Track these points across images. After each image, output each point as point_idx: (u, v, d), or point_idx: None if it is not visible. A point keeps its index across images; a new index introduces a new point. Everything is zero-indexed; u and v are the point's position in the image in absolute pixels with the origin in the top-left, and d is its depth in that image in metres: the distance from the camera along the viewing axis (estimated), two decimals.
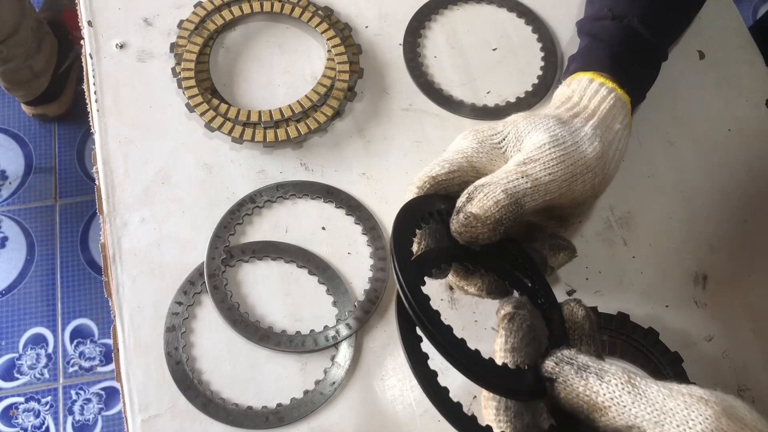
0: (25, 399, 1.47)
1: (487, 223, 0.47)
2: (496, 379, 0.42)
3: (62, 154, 1.70)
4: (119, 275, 0.63)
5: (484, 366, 0.42)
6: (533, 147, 0.51)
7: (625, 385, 0.38)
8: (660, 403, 0.37)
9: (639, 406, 0.37)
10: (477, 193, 0.48)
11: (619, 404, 0.38)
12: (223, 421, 0.58)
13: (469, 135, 0.54)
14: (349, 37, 0.75)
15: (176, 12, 0.74)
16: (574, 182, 0.51)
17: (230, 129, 0.67)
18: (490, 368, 0.43)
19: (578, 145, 0.52)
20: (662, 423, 0.36)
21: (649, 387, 0.38)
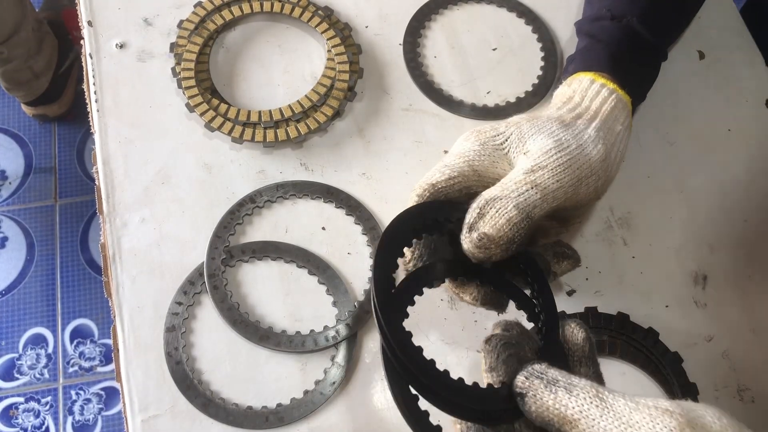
0: (25, 399, 1.47)
1: (500, 243, 0.47)
2: (469, 402, 0.43)
3: (62, 154, 1.70)
4: (119, 275, 0.63)
5: (458, 390, 0.43)
6: (539, 153, 0.51)
7: (593, 399, 0.39)
8: (627, 416, 0.37)
9: (607, 419, 0.38)
10: (489, 209, 0.48)
11: (588, 417, 0.38)
12: (223, 421, 0.58)
13: (471, 136, 0.54)
14: (349, 37, 0.75)
15: (176, 12, 0.74)
16: (579, 186, 0.51)
17: (230, 129, 0.67)
18: (464, 392, 0.43)
19: (582, 149, 0.52)
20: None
21: (616, 401, 0.38)
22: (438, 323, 0.63)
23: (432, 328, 0.63)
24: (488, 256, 0.48)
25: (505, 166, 0.52)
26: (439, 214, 0.50)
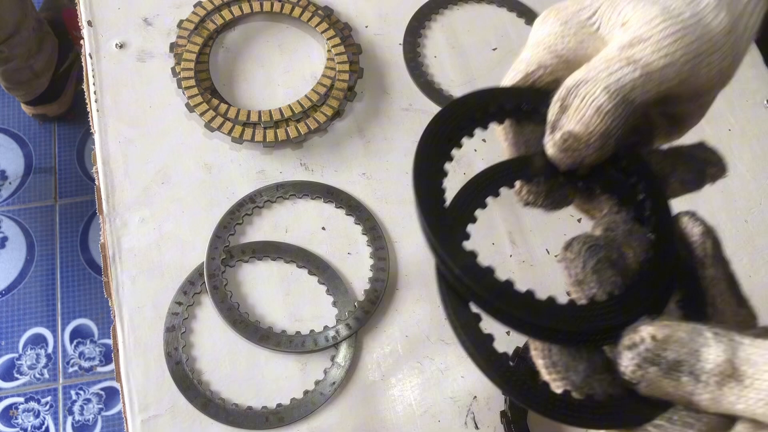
0: (24, 399, 1.47)
1: (591, 141, 0.38)
2: (563, 324, 0.34)
3: (62, 154, 1.69)
4: (119, 275, 0.63)
5: (549, 314, 0.34)
6: (640, 23, 0.40)
7: (727, 381, 0.31)
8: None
9: (746, 402, 0.31)
10: (572, 99, 0.38)
11: (721, 403, 0.31)
12: (223, 421, 0.58)
13: (549, 17, 0.43)
14: (349, 36, 0.75)
15: (176, 12, 0.74)
16: (698, 65, 0.40)
17: (230, 129, 0.67)
18: (556, 314, 0.34)
19: (699, 18, 0.40)
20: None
21: (761, 376, 0.30)
22: (437, 322, 0.63)
23: (431, 327, 0.63)
24: (578, 160, 0.38)
25: (598, 46, 0.42)
26: (508, 102, 0.40)
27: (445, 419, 0.61)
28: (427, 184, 0.37)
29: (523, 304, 0.34)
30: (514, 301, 0.34)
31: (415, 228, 0.68)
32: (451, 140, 0.37)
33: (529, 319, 0.34)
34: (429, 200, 0.37)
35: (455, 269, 0.35)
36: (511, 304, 0.34)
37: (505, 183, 0.40)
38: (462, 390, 0.62)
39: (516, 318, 0.34)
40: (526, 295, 0.34)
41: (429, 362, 0.62)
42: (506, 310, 0.34)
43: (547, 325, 0.34)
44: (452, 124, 0.38)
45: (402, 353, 0.62)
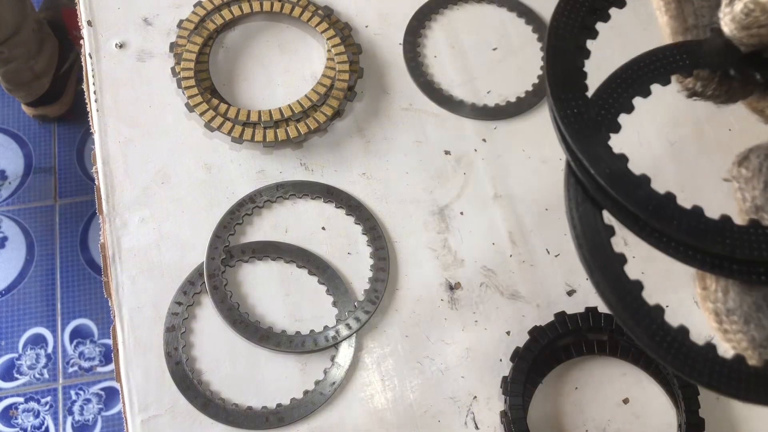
0: (24, 399, 1.47)
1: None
2: (713, 244, 0.26)
3: (62, 154, 1.69)
4: (119, 275, 0.63)
5: (721, 235, 0.26)
6: None
7: None
8: None
9: None
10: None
11: None
12: (223, 421, 0.58)
13: None
14: (349, 36, 0.74)
15: (176, 11, 0.74)
16: None
17: (230, 129, 0.67)
18: (731, 236, 0.26)
19: None
20: None
21: None
22: (438, 323, 0.63)
23: (432, 327, 0.63)
24: (766, 39, 0.29)
25: None
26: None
27: (445, 419, 0.60)
28: (564, 62, 0.28)
29: (691, 224, 0.26)
30: (678, 221, 0.26)
31: (416, 228, 0.69)
32: (595, 11, 0.29)
33: (699, 243, 0.26)
34: (566, 84, 0.28)
35: (599, 178, 0.27)
36: (674, 225, 0.26)
37: (661, 76, 0.30)
38: (462, 390, 0.61)
39: (679, 242, 0.27)
40: (692, 213, 0.26)
41: (429, 362, 0.62)
42: (667, 231, 0.27)
43: (722, 251, 0.26)
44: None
45: (402, 353, 0.62)
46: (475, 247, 0.67)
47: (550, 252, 0.67)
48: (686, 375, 0.26)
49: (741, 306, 0.26)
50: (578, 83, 0.28)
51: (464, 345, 0.63)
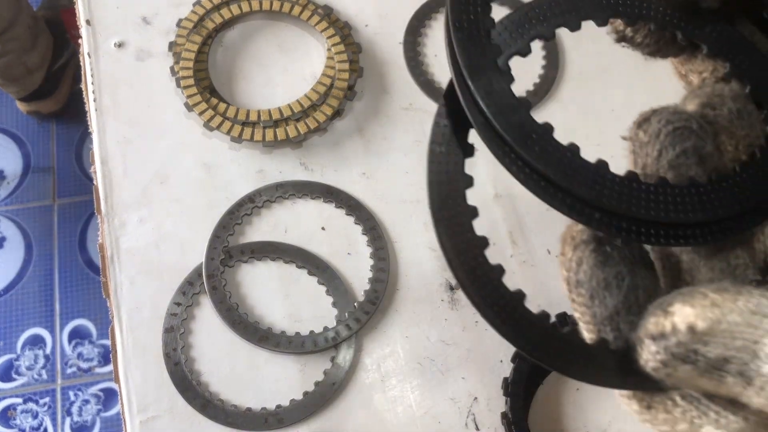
0: (23, 400, 1.47)
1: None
2: (575, 184, 0.24)
3: (60, 153, 1.69)
4: (117, 276, 0.62)
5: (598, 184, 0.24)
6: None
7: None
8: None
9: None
10: None
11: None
12: (222, 422, 0.58)
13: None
14: (349, 35, 0.74)
15: (175, 11, 0.74)
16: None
17: (229, 128, 0.67)
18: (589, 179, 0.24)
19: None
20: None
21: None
22: (438, 323, 0.63)
23: (432, 328, 0.63)
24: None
25: None
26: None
27: (445, 420, 0.60)
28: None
29: (561, 161, 0.24)
30: (547, 154, 0.24)
31: (416, 228, 0.68)
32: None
33: (564, 180, 0.24)
34: (463, 12, 0.27)
35: (476, 92, 0.25)
36: (541, 157, 0.24)
37: (572, 20, 0.28)
38: (462, 391, 0.61)
39: (542, 176, 0.25)
40: (566, 150, 0.24)
41: (429, 363, 0.62)
42: (532, 162, 0.24)
43: (588, 196, 0.24)
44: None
45: (402, 354, 0.62)
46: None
47: (551, 252, 0.66)
48: (511, 341, 0.26)
49: (590, 281, 0.26)
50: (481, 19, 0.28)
51: (465, 346, 0.62)
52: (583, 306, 0.26)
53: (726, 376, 0.22)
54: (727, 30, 0.28)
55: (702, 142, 0.26)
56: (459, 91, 0.26)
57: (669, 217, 0.24)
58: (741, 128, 0.27)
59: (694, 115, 0.26)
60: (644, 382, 0.24)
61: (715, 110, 0.27)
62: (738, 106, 0.27)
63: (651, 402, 0.25)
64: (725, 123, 0.27)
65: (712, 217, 0.24)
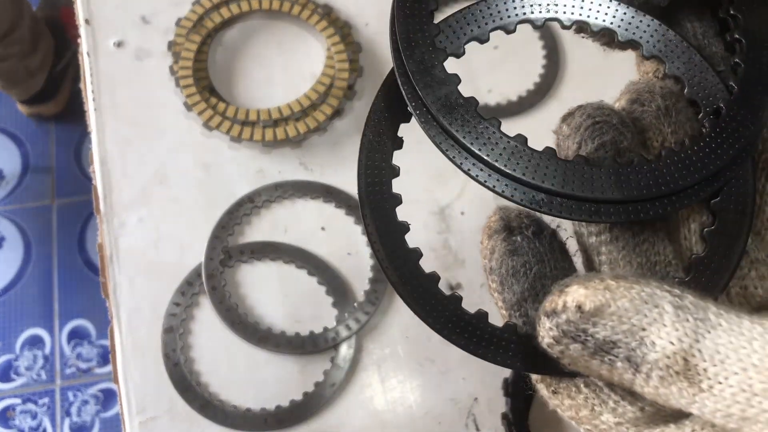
0: (22, 400, 1.47)
1: None
2: (493, 155, 0.25)
3: (60, 153, 1.69)
4: (116, 276, 0.62)
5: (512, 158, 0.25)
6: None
7: (675, 379, 0.22)
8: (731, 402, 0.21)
9: (701, 408, 0.22)
10: None
11: (667, 400, 0.23)
12: (222, 423, 0.58)
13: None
14: (349, 35, 0.74)
15: (174, 10, 0.74)
16: None
17: (229, 128, 0.67)
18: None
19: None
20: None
21: (726, 379, 0.21)
22: None
23: None
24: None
25: None
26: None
27: (445, 421, 0.60)
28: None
29: (475, 129, 0.25)
30: (463, 122, 0.25)
31: (415, 228, 0.68)
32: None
33: (479, 149, 0.25)
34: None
35: (408, 62, 0.27)
36: (456, 122, 0.25)
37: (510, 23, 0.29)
38: (463, 392, 0.61)
39: (460, 144, 0.25)
40: (483, 122, 0.25)
41: (429, 364, 0.62)
42: (450, 130, 0.25)
43: (487, 156, 0.24)
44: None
45: (402, 355, 0.62)
46: (476, 247, 0.66)
47: None
48: (423, 319, 0.27)
49: (500, 268, 0.27)
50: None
51: None
52: (496, 292, 0.28)
53: (615, 361, 0.22)
54: (668, 32, 0.29)
55: (621, 136, 0.26)
56: (394, 63, 0.28)
57: (578, 191, 0.24)
58: (668, 125, 0.27)
59: (617, 111, 0.27)
60: (548, 367, 0.25)
61: (644, 106, 0.28)
62: (667, 103, 0.27)
63: (557, 387, 0.26)
64: (652, 119, 0.27)
65: (623, 197, 0.24)
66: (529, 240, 0.27)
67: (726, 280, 0.26)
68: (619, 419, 0.25)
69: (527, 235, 0.27)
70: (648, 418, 0.25)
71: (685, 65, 0.28)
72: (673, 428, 0.24)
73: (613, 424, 0.25)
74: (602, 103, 0.28)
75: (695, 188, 0.25)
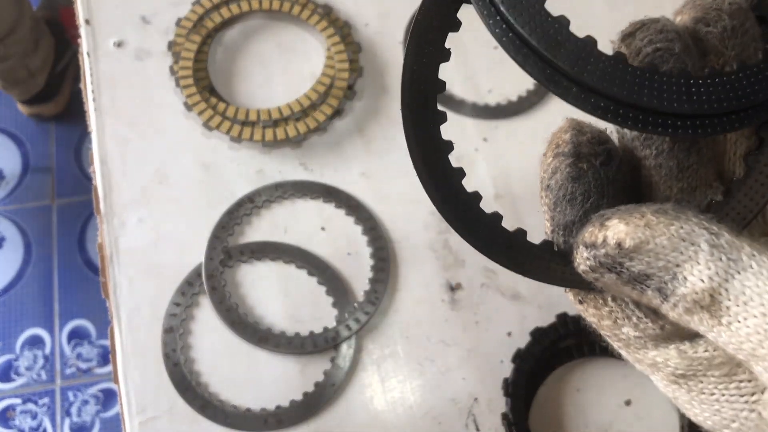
0: (22, 401, 1.47)
1: None
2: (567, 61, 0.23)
3: (60, 153, 1.69)
4: (116, 276, 0.62)
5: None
6: None
7: (699, 311, 0.23)
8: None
9: (718, 338, 0.23)
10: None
11: (689, 325, 0.24)
12: (222, 423, 0.58)
13: None
14: (349, 35, 0.74)
15: (174, 10, 0.74)
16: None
17: (229, 128, 0.67)
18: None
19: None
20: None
21: (746, 320, 0.22)
22: (438, 323, 0.63)
23: (432, 328, 0.63)
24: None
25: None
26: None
27: (445, 421, 0.60)
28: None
29: (545, 28, 0.23)
30: (534, 19, 0.23)
31: (416, 228, 0.68)
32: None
33: (545, 49, 0.23)
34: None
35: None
36: (527, 21, 0.23)
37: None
38: (463, 392, 0.61)
39: (525, 43, 0.23)
40: (554, 21, 0.23)
41: (429, 364, 0.62)
42: (516, 26, 0.23)
43: (565, 68, 0.23)
44: None
45: (402, 355, 0.62)
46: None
47: None
48: (463, 235, 0.27)
49: (558, 190, 0.27)
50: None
51: (465, 346, 0.62)
52: (546, 207, 0.28)
53: (647, 290, 0.24)
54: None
55: (682, 65, 0.25)
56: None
57: (650, 102, 0.23)
58: (732, 48, 0.26)
59: (681, 33, 0.26)
60: (579, 282, 0.26)
61: (709, 26, 0.26)
62: (734, 23, 0.26)
63: (584, 297, 0.28)
64: (716, 41, 0.26)
65: (693, 110, 0.23)
66: (595, 170, 0.27)
67: (762, 205, 0.26)
68: (639, 333, 0.26)
69: (594, 165, 0.27)
70: (666, 335, 0.26)
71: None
72: (688, 345, 0.25)
73: (633, 337, 0.26)
74: (666, 24, 0.26)
75: (765, 106, 0.23)
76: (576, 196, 0.26)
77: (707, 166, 0.27)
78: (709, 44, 0.26)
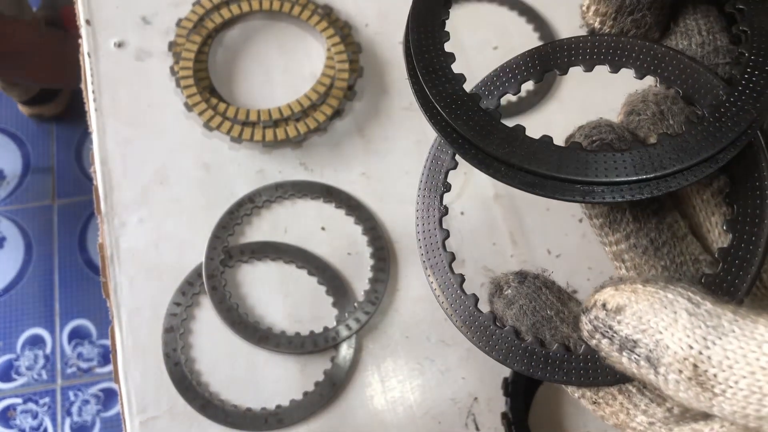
0: (23, 400, 1.47)
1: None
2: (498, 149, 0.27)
3: (60, 153, 1.69)
4: (117, 276, 0.62)
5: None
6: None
7: (688, 384, 0.23)
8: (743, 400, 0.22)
9: (719, 410, 0.23)
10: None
11: (688, 402, 0.24)
12: (222, 422, 0.58)
13: None
14: (349, 35, 0.74)
15: (175, 10, 0.74)
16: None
17: (229, 128, 0.67)
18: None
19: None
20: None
21: (736, 383, 0.22)
22: (438, 323, 0.63)
23: (432, 328, 0.63)
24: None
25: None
26: None
27: (445, 421, 0.60)
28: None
29: (479, 122, 0.27)
30: (468, 116, 0.27)
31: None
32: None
33: (476, 140, 0.27)
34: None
35: (416, 60, 0.30)
36: (463, 119, 0.27)
37: (511, 85, 0.32)
38: (463, 391, 0.61)
39: (462, 137, 0.27)
40: (485, 115, 0.28)
41: (429, 363, 0.62)
42: (453, 124, 0.27)
43: (494, 153, 0.26)
44: None
45: (402, 354, 0.62)
46: (476, 247, 0.66)
47: (551, 252, 0.66)
48: (469, 338, 0.30)
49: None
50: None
51: (465, 346, 0.62)
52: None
53: (639, 360, 0.24)
54: (652, 48, 0.30)
55: (608, 146, 0.28)
56: (406, 64, 0.30)
57: (571, 174, 0.25)
58: (665, 127, 0.29)
59: (616, 126, 0.29)
60: (594, 380, 0.28)
61: (639, 116, 0.29)
62: (662, 108, 0.29)
63: (596, 398, 0.28)
64: (649, 125, 0.29)
65: (613, 179, 0.25)
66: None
67: (756, 266, 0.26)
68: (651, 419, 0.26)
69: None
70: (677, 417, 0.26)
71: (678, 72, 0.29)
72: (702, 424, 0.25)
73: (647, 424, 0.27)
74: (600, 121, 0.29)
75: (692, 170, 0.25)
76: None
77: (687, 241, 0.29)
78: (645, 130, 0.29)
